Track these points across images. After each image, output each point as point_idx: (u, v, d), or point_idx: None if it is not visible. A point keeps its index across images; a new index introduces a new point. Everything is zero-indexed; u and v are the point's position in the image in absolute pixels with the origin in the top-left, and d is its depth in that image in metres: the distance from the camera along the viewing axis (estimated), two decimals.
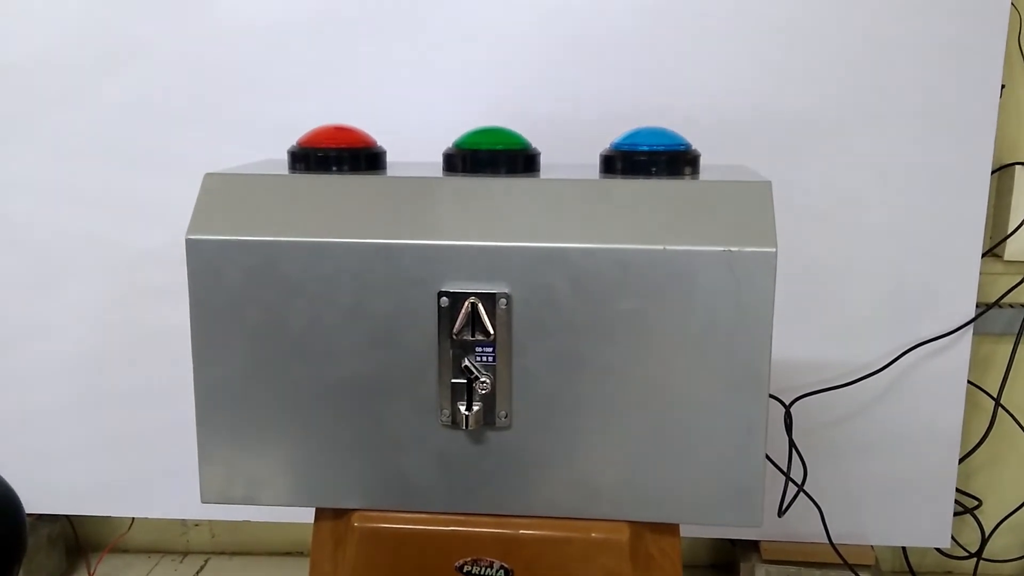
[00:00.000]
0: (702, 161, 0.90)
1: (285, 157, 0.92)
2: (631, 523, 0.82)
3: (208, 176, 0.83)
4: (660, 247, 0.76)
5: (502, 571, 0.82)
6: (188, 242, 0.80)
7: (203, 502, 0.85)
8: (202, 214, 0.81)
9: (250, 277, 0.80)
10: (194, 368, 0.83)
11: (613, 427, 0.80)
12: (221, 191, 0.82)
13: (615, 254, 0.77)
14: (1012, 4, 1.39)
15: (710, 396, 0.78)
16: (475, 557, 0.82)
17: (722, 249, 0.76)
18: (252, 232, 0.80)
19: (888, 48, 1.35)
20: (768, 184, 0.79)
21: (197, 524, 1.79)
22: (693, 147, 0.88)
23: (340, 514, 0.85)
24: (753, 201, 0.78)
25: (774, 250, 0.76)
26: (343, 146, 0.88)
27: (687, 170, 0.86)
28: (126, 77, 1.43)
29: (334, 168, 0.87)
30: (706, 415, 0.78)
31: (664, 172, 0.84)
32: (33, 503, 1.59)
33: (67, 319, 1.53)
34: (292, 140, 0.94)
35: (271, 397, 0.82)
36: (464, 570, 0.82)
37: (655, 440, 0.80)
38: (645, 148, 0.85)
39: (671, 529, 0.84)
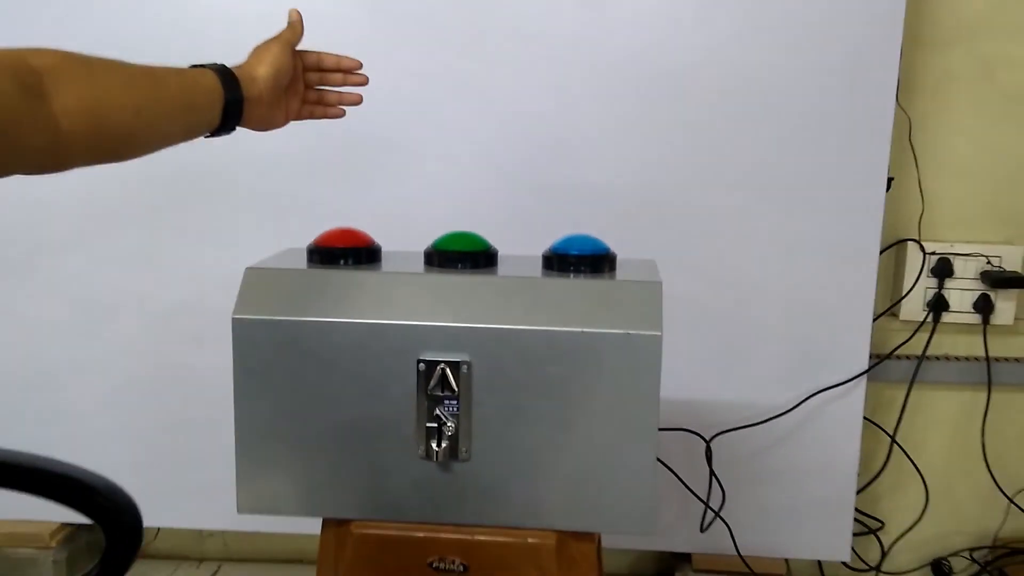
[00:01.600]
0: (621, 257, 1.18)
1: (291, 239, 1.23)
2: (558, 532, 1.09)
3: (248, 270, 1.11)
4: (580, 329, 1.05)
5: (462, 567, 1.10)
6: (234, 320, 1.07)
7: (239, 513, 1.12)
8: (244, 299, 1.09)
9: (279, 347, 1.07)
10: (235, 413, 1.10)
11: (545, 460, 1.07)
12: (258, 281, 1.10)
13: (548, 334, 1.05)
14: (899, 106, 1.68)
15: (615, 438, 1.06)
16: (441, 556, 1.10)
17: (623, 332, 1.04)
18: (280, 313, 1.07)
19: (791, 149, 1.63)
20: (659, 284, 1.07)
21: (212, 534, 2.05)
22: (611, 251, 1.16)
23: (342, 523, 1.12)
24: (648, 296, 1.06)
25: (660, 334, 1.03)
26: (348, 245, 1.16)
27: (606, 267, 1.14)
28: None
29: (341, 262, 1.15)
30: (612, 452, 1.06)
31: (588, 271, 1.12)
32: (74, 514, 1.85)
33: (109, 359, 1.79)
34: (299, 217, 1.22)
35: (292, 435, 1.09)
36: (433, 566, 1.10)
37: (576, 470, 1.07)
38: (575, 252, 1.14)
39: (590, 537, 1.11)
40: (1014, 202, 1.79)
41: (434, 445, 1.07)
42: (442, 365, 1.06)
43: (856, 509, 1.80)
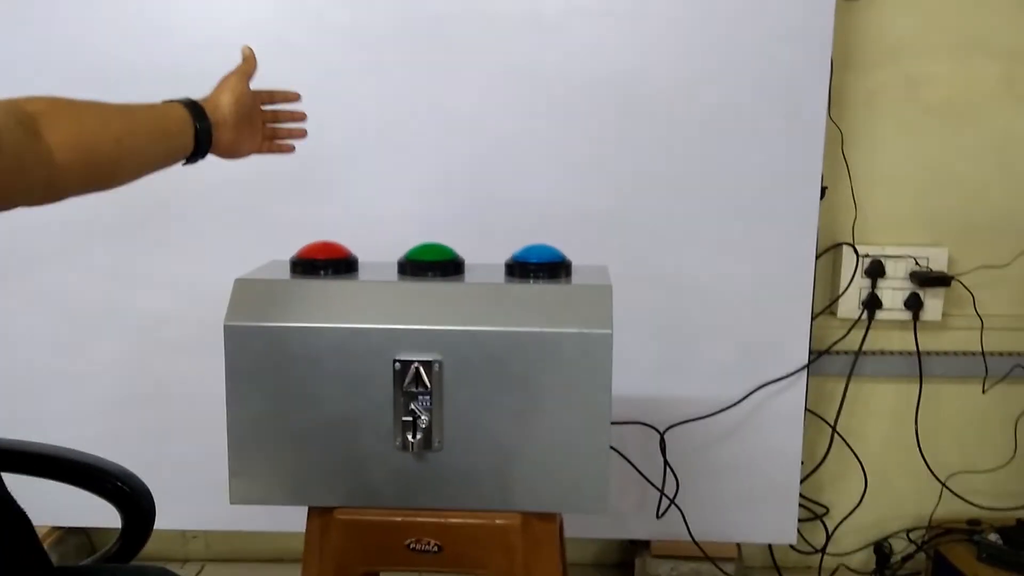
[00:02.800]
0: (576, 264, 1.29)
1: (267, 252, 1.33)
2: (523, 513, 1.20)
3: (238, 281, 1.21)
4: (539, 329, 1.16)
5: (436, 547, 1.21)
6: (226, 327, 1.17)
7: (231, 503, 1.22)
8: (235, 307, 1.19)
9: (267, 350, 1.17)
10: (227, 412, 1.20)
11: (510, 449, 1.19)
12: (247, 291, 1.20)
13: (511, 334, 1.16)
14: (831, 120, 1.82)
15: (572, 427, 1.17)
16: (418, 538, 1.21)
17: (577, 331, 1.16)
18: (268, 320, 1.18)
19: (733, 162, 1.77)
20: (609, 287, 1.20)
21: (195, 535, 2.14)
22: (567, 258, 1.28)
23: (326, 511, 1.22)
24: (600, 299, 1.18)
25: (610, 332, 1.15)
26: (327, 257, 1.26)
27: (563, 273, 1.26)
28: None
29: (321, 273, 1.26)
30: (570, 439, 1.18)
31: (546, 277, 1.24)
32: (64, 518, 1.94)
33: (92, 369, 1.88)
34: (276, 233, 1.34)
35: (280, 430, 1.20)
36: (410, 547, 1.21)
37: (538, 457, 1.19)
38: (534, 260, 1.26)
39: (551, 517, 1.23)
40: (938, 207, 1.94)
41: (410, 437, 1.18)
42: (416, 364, 1.17)
43: (801, 495, 1.93)
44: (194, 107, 1.09)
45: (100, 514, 1.94)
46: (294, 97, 1.27)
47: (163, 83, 1.73)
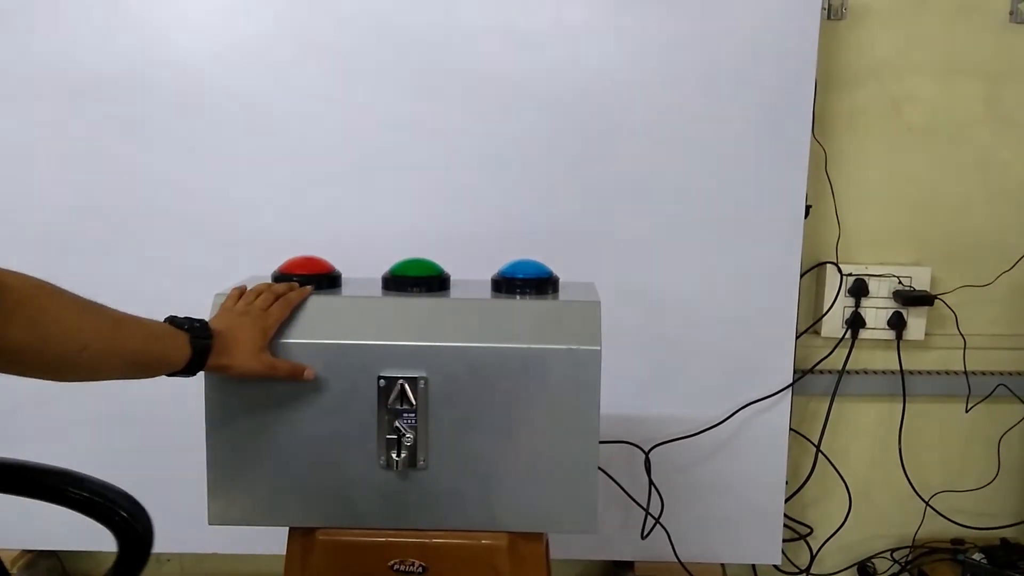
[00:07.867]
0: (563, 280, 1.28)
1: (252, 269, 1.30)
2: (509, 533, 1.18)
3: (218, 296, 1.19)
4: (527, 345, 1.15)
5: (421, 568, 1.18)
6: None
7: (210, 524, 1.20)
8: None
9: None
10: (206, 430, 1.17)
11: (497, 467, 1.17)
12: None
13: (497, 351, 1.14)
14: (815, 139, 1.82)
15: (560, 445, 1.16)
16: (402, 559, 1.18)
17: (566, 347, 1.14)
18: None
19: (718, 181, 1.76)
20: (598, 303, 1.18)
21: (169, 559, 2.09)
22: (554, 274, 1.26)
23: (308, 532, 1.20)
24: (588, 315, 1.17)
25: (599, 348, 1.14)
26: (310, 272, 1.24)
27: (550, 289, 1.25)
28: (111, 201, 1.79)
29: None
30: (558, 457, 1.16)
31: (533, 293, 1.23)
32: (36, 541, 1.89)
33: (66, 389, 1.82)
34: (260, 248, 1.32)
35: (261, 449, 1.17)
36: (395, 568, 1.18)
37: (525, 476, 1.17)
38: (521, 276, 1.24)
39: (538, 537, 1.21)
40: (921, 226, 1.94)
41: (394, 455, 1.16)
42: (401, 381, 1.15)
43: (786, 515, 1.92)
44: (199, 355, 1.06)
45: (73, 537, 1.91)
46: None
47: (140, 95, 1.74)
